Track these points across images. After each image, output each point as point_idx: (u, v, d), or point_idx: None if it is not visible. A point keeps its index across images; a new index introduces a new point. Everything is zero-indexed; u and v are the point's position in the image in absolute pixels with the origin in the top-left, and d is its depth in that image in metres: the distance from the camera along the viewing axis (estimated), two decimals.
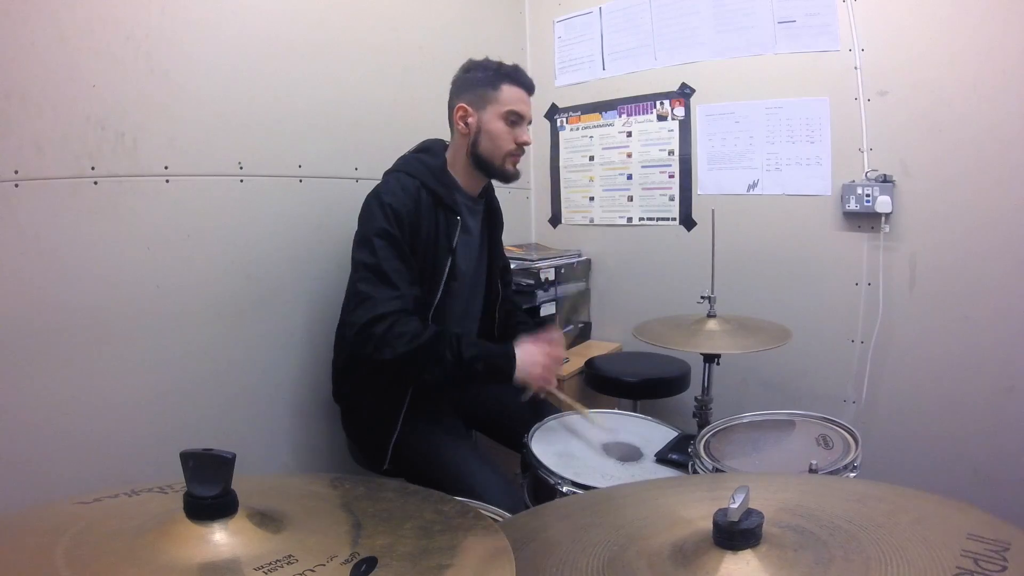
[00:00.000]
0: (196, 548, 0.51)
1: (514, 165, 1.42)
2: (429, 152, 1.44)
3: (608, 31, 2.23)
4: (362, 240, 1.31)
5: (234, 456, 0.54)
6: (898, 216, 1.75)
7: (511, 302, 1.71)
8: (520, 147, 1.41)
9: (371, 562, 0.51)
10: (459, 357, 1.25)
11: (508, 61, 1.42)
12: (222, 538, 0.52)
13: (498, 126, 1.37)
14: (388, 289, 1.25)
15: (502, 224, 1.63)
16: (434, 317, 1.36)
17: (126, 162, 1.22)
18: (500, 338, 1.60)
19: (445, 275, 1.37)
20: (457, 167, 1.42)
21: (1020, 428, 1.63)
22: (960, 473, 1.71)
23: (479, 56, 1.43)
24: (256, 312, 1.47)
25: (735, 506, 0.53)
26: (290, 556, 0.51)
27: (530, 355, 1.31)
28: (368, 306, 1.24)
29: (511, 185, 2.29)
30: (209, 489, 0.53)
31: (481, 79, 1.38)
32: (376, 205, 1.31)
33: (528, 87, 1.42)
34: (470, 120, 1.38)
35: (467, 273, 1.47)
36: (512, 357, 1.29)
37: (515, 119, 1.38)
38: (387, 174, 1.41)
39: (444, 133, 1.49)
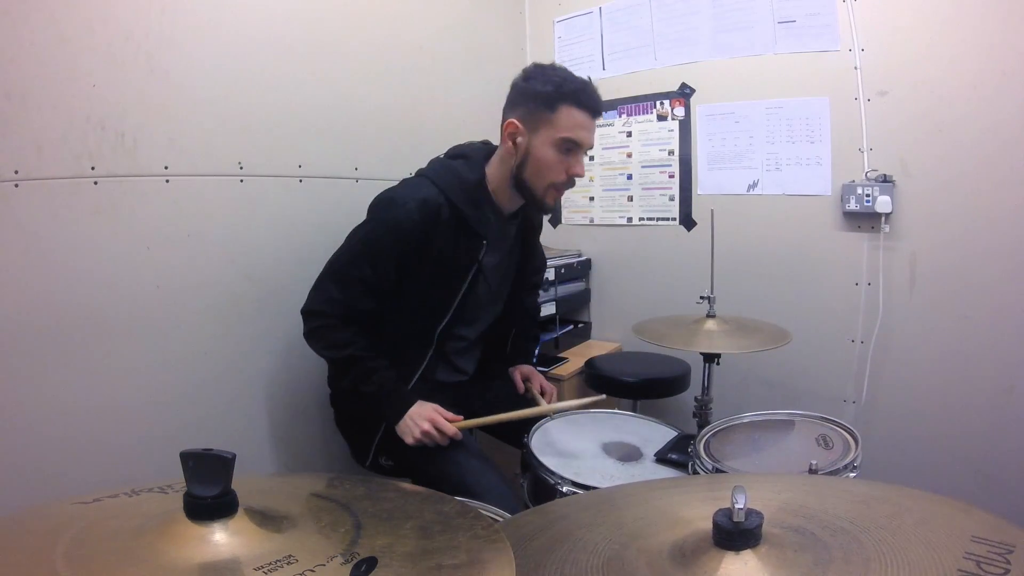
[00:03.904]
0: (196, 548, 0.51)
1: (555, 199, 1.29)
2: (467, 161, 1.31)
3: (608, 31, 2.23)
4: (353, 232, 1.31)
5: (234, 456, 0.54)
6: (898, 216, 1.75)
7: (526, 310, 1.64)
8: (571, 179, 1.26)
9: (371, 562, 0.51)
10: (355, 387, 1.27)
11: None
12: (222, 538, 0.52)
13: (549, 154, 1.22)
14: (337, 290, 1.26)
15: (540, 227, 1.56)
16: (442, 333, 1.34)
17: (126, 162, 1.22)
18: (511, 349, 1.59)
19: (460, 296, 1.32)
20: (497, 182, 1.30)
21: (1020, 428, 1.63)
22: (960, 473, 1.71)
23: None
24: (256, 312, 1.47)
25: (738, 506, 0.53)
26: (290, 556, 0.51)
27: (418, 417, 1.25)
28: (315, 295, 1.30)
29: None
30: (209, 489, 0.53)
31: (539, 95, 1.21)
32: (384, 209, 1.26)
33: (594, 110, 1.23)
34: (519, 140, 1.24)
35: (487, 292, 1.41)
36: (399, 412, 1.26)
37: (570, 147, 1.22)
38: (417, 175, 1.33)
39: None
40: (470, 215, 1.26)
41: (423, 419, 1.24)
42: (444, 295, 1.32)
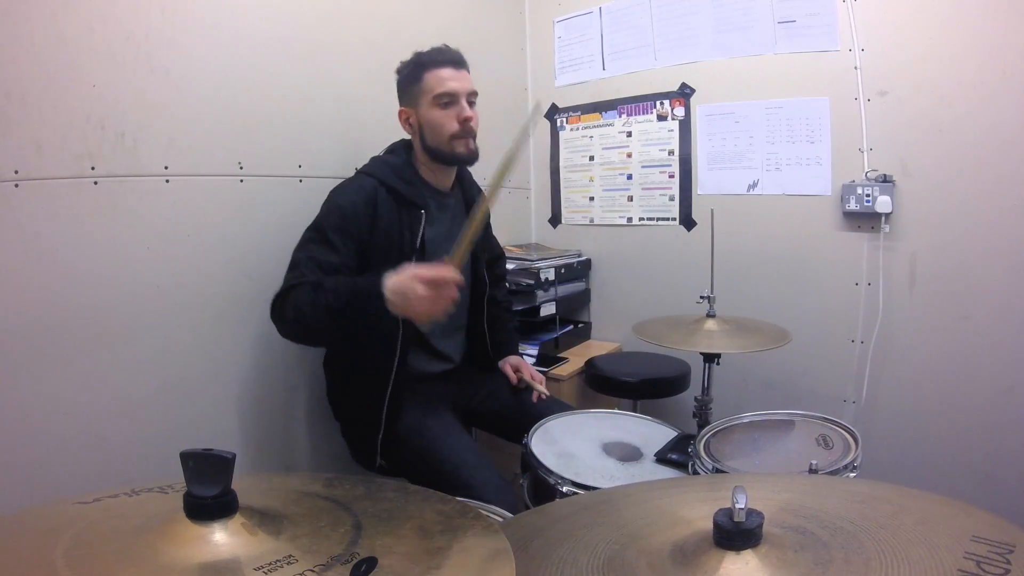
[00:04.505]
0: (196, 548, 0.51)
1: (466, 147, 1.38)
2: (394, 152, 1.47)
3: (608, 31, 2.23)
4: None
5: (234, 456, 0.54)
6: (898, 216, 1.75)
7: (498, 303, 1.66)
8: (464, 125, 1.36)
9: (371, 562, 0.51)
10: (330, 307, 1.16)
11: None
12: (222, 538, 0.52)
13: (434, 114, 1.36)
14: (290, 275, 1.27)
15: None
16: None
17: (126, 162, 1.22)
18: (491, 342, 1.59)
19: None
20: (422, 166, 1.44)
21: (1020, 428, 1.63)
22: (960, 473, 1.71)
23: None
24: (256, 312, 1.47)
25: (738, 506, 0.53)
26: (290, 556, 0.51)
27: (399, 287, 1.08)
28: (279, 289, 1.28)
29: (511, 185, 2.28)
30: (209, 489, 0.53)
31: (407, 76, 1.39)
32: (328, 201, 1.36)
33: (453, 62, 1.37)
34: (412, 120, 1.40)
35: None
36: (377, 295, 1.10)
37: (448, 100, 1.35)
38: (356, 173, 1.44)
39: None
40: (404, 189, 1.37)
41: (414, 287, 1.06)
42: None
